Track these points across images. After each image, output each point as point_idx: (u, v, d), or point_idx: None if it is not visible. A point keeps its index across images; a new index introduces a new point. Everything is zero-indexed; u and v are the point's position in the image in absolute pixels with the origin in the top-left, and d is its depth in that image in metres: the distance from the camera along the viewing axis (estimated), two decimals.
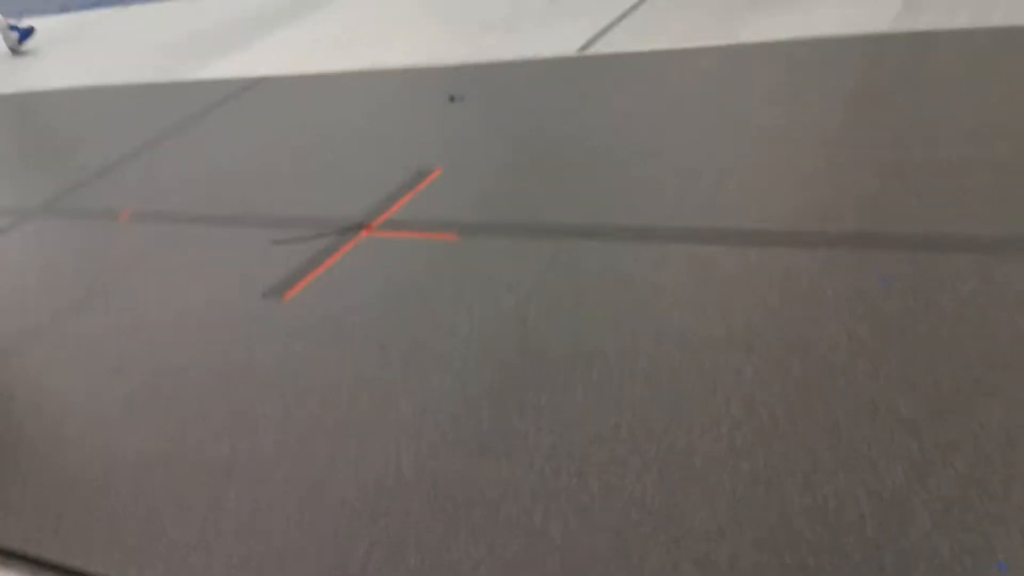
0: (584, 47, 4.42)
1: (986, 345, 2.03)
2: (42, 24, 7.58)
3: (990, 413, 1.85)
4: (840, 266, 2.41)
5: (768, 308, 2.30)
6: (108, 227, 3.87)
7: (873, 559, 1.62)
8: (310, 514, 2.00)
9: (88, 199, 4.22)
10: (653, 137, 3.42)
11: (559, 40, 4.53)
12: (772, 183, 2.94)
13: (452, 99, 4.15)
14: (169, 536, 2.04)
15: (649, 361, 2.21)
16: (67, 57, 6.65)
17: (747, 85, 3.65)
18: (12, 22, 7.17)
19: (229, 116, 4.81)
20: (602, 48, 4.36)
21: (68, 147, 5.09)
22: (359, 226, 3.26)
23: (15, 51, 7.10)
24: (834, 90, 3.39)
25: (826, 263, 2.43)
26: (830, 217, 2.64)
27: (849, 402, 1.95)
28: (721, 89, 3.66)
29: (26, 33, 7.16)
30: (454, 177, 3.47)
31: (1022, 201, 2.51)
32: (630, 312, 2.42)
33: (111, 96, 5.58)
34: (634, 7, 4.73)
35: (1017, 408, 1.85)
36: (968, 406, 1.88)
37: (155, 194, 4.06)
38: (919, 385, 1.96)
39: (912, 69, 3.40)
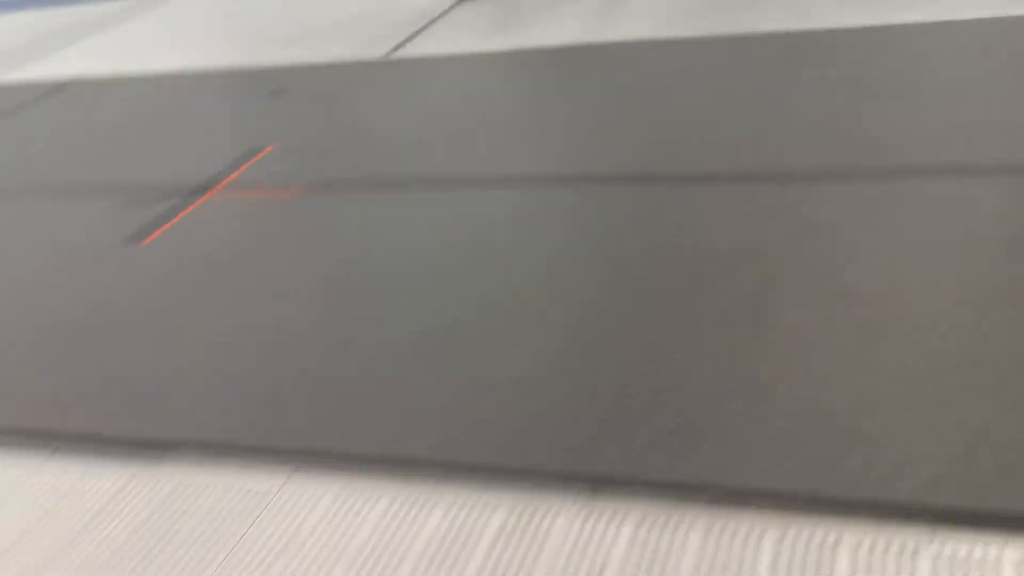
0: (388, 53, 4.83)
1: None
2: None
3: None
4: None
5: None
6: None
7: None
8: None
9: None
10: (452, 122, 4.06)
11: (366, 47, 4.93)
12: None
13: (274, 92, 4.51)
14: None
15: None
16: None
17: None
18: None
19: (58, 109, 5.16)
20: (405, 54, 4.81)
21: None
22: (203, 188, 3.60)
23: None
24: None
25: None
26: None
27: None
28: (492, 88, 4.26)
29: None
30: (286, 150, 3.88)
31: None
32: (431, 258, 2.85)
33: None
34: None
35: None
36: None
37: None
38: None
39: None
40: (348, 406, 2.18)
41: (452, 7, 5.49)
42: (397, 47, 4.86)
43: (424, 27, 5.18)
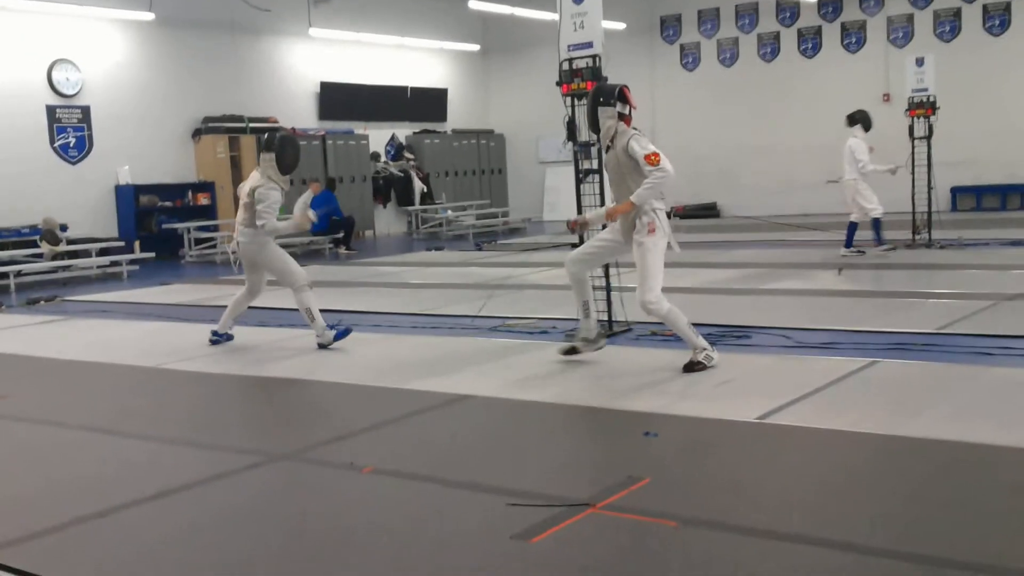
0: (762, 416, 5.16)
1: None
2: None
3: None
4: None
5: None
6: (352, 477, 4.62)
7: None
8: None
9: (336, 454, 5.01)
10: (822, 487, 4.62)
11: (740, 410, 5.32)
12: None
13: (647, 434, 4.91)
14: None
15: None
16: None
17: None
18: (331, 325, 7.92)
19: (449, 415, 5.77)
20: (779, 420, 5.14)
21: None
22: (585, 504, 3.94)
23: (323, 346, 7.84)
24: None
25: None
26: None
27: None
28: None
29: (343, 333, 7.91)
30: (661, 485, 4.22)
31: None
32: None
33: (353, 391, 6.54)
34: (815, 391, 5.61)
35: None
36: None
37: (393, 457, 4.89)
38: None
39: None
40: None
41: (845, 376, 5.81)
42: (771, 412, 5.11)
43: (805, 395, 5.43)
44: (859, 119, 12.04)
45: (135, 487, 4.52)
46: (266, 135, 8.01)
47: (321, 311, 7.88)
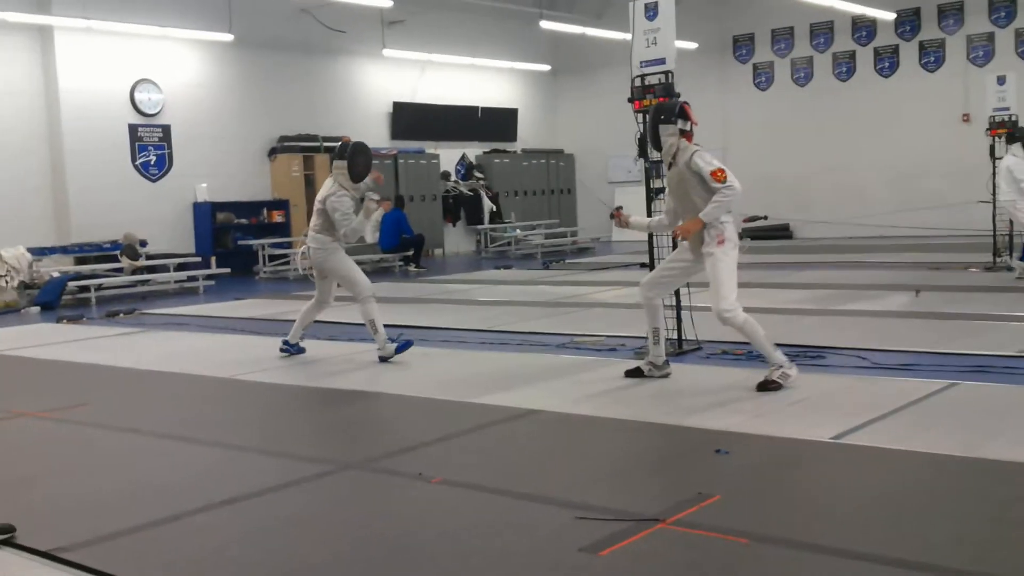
0: (837, 436, 5.05)
1: None
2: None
3: None
4: None
5: None
6: (420, 488, 4.62)
7: None
8: None
9: (405, 464, 5.02)
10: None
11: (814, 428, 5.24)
12: None
13: (718, 451, 4.83)
14: None
15: None
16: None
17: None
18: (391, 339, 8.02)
19: (517, 429, 5.89)
20: (854, 440, 5.02)
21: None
22: (654, 519, 3.90)
23: (384, 359, 7.93)
24: None
25: None
26: None
27: None
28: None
29: (404, 346, 7.98)
30: (732, 502, 4.13)
31: None
32: None
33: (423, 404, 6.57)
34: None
35: None
36: None
37: (461, 469, 4.89)
38: None
39: None
40: None
41: (923, 398, 5.67)
42: (847, 432, 5.00)
43: (882, 416, 5.31)
44: (1020, 137, 11.57)
45: (207, 492, 4.60)
46: (339, 144, 8.21)
47: (390, 326, 7.97)
